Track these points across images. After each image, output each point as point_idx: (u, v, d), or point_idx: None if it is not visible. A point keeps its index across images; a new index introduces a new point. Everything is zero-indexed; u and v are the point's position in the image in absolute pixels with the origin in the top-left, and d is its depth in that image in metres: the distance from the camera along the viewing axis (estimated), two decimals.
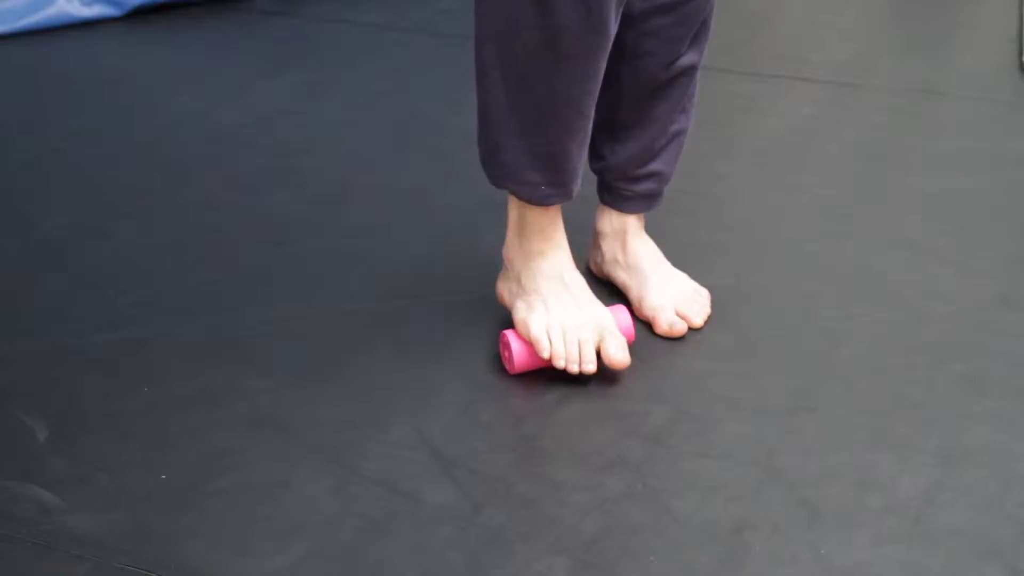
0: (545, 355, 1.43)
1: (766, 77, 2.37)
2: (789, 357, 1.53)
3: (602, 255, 1.64)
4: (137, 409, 1.44)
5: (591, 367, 1.44)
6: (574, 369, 1.43)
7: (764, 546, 1.23)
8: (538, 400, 1.45)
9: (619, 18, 1.35)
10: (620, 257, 1.62)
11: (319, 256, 1.76)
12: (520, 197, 1.45)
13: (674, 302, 1.57)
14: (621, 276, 1.62)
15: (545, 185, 1.43)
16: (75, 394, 1.47)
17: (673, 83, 1.52)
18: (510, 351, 1.46)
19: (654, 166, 1.57)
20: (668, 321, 1.55)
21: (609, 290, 1.64)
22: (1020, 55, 2.44)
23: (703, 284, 1.63)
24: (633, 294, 1.60)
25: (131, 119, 2.21)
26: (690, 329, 1.57)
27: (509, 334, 1.47)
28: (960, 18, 2.71)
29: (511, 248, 1.51)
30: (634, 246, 1.61)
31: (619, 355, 1.44)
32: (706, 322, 1.58)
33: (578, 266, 1.52)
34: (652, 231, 1.66)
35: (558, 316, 1.45)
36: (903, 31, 2.64)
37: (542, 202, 1.45)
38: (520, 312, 1.47)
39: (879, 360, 1.52)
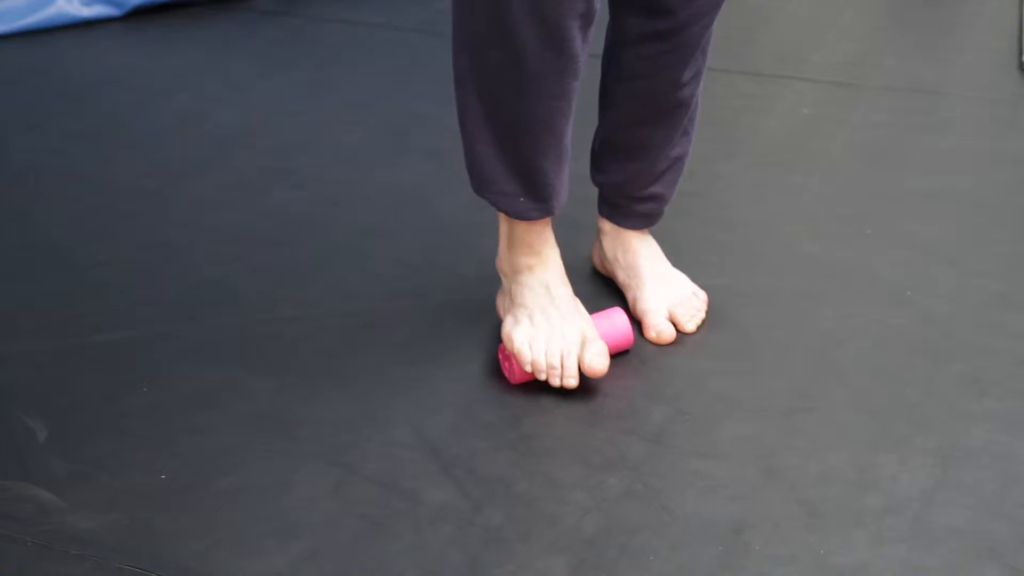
0: (527, 368, 1.43)
1: (766, 77, 2.37)
2: (789, 357, 1.53)
3: (603, 252, 1.64)
4: (137, 409, 1.44)
5: (572, 382, 1.43)
6: (555, 381, 1.43)
7: (764, 546, 1.23)
8: (538, 400, 1.45)
9: (588, 40, 1.33)
10: (620, 256, 1.62)
11: (319, 256, 1.76)
12: (499, 209, 1.45)
13: (668, 304, 1.57)
14: (620, 275, 1.62)
15: (524, 198, 1.42)
16: (75, 394, 1.47)
17: (671, 113, 1.50)
18: (511, 363, 1.46)
19: (654, 189, 1.57)
20: (656, 328, 1.55)
21: (612, 288, 1.65)
22: (1020, 55, 2.44)
23: (703, 284, 1.63)
24: (629, 294, 1.60)
25: (131, 119, 2.21)
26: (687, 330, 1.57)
27: None
28: (960, 18, 2.71)
29: (502, 261, 1.51)
30: (635, 245, 1.61)
31: (596, 362, 1.42)
32: (700, 327, 1.57)
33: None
34: (652, 230, 1.66)
35: (542, 329, 1.44)
36: (903, 31, 2.64)
37: (522, 216, 1.44)
38: (507, 325, 1.47)
39: (879, 360, 1.52)
